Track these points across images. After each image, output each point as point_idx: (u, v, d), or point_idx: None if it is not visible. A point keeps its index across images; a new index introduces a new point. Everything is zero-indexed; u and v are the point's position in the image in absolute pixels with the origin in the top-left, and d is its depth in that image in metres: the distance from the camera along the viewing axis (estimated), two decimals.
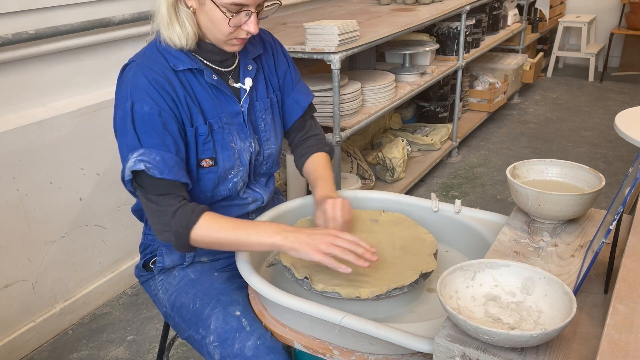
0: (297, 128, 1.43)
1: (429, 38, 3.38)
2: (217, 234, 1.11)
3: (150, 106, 1.10)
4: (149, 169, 1.08)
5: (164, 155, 1.10)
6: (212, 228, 1.11)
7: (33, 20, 1.93)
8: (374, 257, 1.04)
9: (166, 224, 1.11)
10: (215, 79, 1.21)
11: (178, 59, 1.17)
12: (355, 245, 1.05)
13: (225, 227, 1.11)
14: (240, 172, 1.26)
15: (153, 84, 1.12)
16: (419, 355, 0.95)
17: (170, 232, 1.11)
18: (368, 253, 1.04)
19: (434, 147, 3.42)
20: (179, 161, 1.12)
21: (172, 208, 1.10)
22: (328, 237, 1.06)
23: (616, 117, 2.05)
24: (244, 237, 1.10)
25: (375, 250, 1.06)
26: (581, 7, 5.71)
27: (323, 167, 1.37)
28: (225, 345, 1.12)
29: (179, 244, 1.12)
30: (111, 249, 2.32)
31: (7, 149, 1.87)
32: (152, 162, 1.08)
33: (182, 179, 1.12)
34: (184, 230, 1.10)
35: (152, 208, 1.12)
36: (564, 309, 0.80)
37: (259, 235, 1.09)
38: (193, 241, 1.12)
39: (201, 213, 1.12)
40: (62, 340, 2.12)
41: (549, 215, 1.09)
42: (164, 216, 1.10)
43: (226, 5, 1.10)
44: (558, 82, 5.33)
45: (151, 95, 1.11)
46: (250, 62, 1.29)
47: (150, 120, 1.10)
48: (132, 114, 1.10)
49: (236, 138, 1.24)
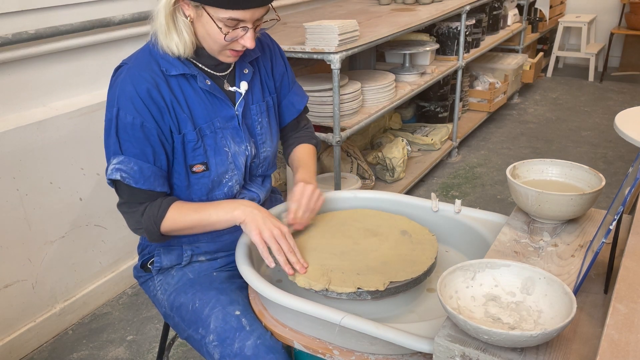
0: (291, 128, 1.47)
1: (429, 38, 3.38)
2: (183, 221, 1.18)
3: (134, 116, 1.13)
4: (124, 179, 1.14)
5: (142, 165, 1.15)
6: (178, 218, 1.18)
7: (33, 20, 1.93)
8: (302, 270, 1.09)
9: (138, 223, 1.19)
10: (208, 84, 1.21)
11: (171, 64, 1.17)
12: (291, 252, 1.11)
13: (188, 214, 1.18)
14: (235, 175, 1.27)
15: (140, 92, 1.13)
16: (419, 355, 0.95)
17: (142, 229, 1.19)
18: (298, 264, 1.10)
19: (434, 147, 3.42)
20: (156, 170, 1.17)
21: (142, 207, 1.18)
22: (275, 231, 1.12)
23: (616, 117, 2.05)
24: (206, 217, 1.18)
25: (307, 266, 1.10)
26: (581, 7, 5.71)
27: (307, 156, 1.40)
28: (225, 345, 1.12)
29: (152, 238, 1.21)
30: (111, 249, 2.32)
31: (7, 149, 1.87)
32: (129, 171, 1.14)
33: (157, 188, 1.18)
34: (153, 226, 1.17)
35: (125, 210, 1.20)
36: (564, 309, 0.80)
37: (218, 213, 1.17)
38: (165, 232, 1.20)
39: (167, 207, 1.18)
40: (62, 340, 2.12)
41: (549, 215, 1.09)
42: (135, 216, 1.18)
43: (223, 20, 1.10)
44: (558, 82, 5.33)
45: (136, 105, 1.13)
46: (246, 66, 1.29)
47: (132, 131, 1.13)
48: (117, 121, 1.14)
49: (230, 142, 1.25)
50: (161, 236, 1.20)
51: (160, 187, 1.18)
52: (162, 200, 1.18)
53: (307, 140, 1.46)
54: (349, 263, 1.11)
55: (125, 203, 1.19)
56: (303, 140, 1.45)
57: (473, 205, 2.97)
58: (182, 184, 1.23)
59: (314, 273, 1.08)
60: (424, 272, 1.07)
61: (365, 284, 1.03)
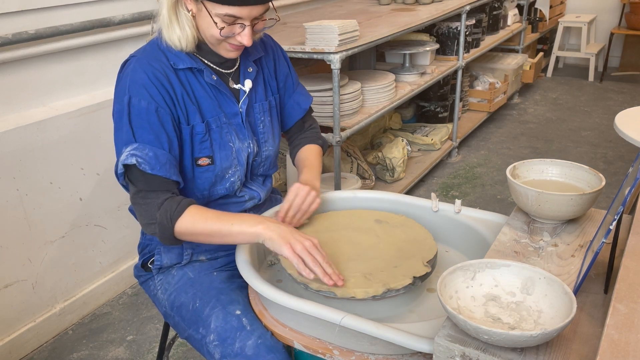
0: (297, 128, 1.47)
1: (429, 38, 3.38)
2: (201, 225, 1.11)
3: (148, 101, 1.12)
4: (140, 164, 1.09)
5: (157, 152, 1.11)
6: (196, 220, 1.11)
7: (33, 20, 1.93)
8: (340, 283, 1.03)
9: (152, 217, 1.12)
10: (214, 79, 1.22)
11: (179, 58, 1.18)
12: (328, 263, 1.05)
13: (209, 219, 1.12)
14: (238, 171, 1.27)
15: (152, 79, 1.13)
16: (419, 355, 0.95)
17: (155, 225, 1.12)
18: (335, 276, 1.03)
19: (434, 147, 3.42)
20: (171, 158, 1.14)
21: (159, 200, 1.11)
22: (307, 242, 1.06)
23: (616, 117, 2.05)
24: (227, 228, 1.10)
25: (343, 279, 1.04)
26: (581, 7, 5.71)
27: (312, 157, 1.39)
28: (225, 345, 1.12)
29: (163, 237, 1.13)
30: (111, 249, 2.32)
31: (7, 149, 1.87)
32: (144, 157, 1.09)
33: (173, 176, 1.13)
34: (168, 222, 1.11)
35: (139, 202, 1.13)
36: (564, 309, 0.80)
37: (242, 225, 1.10)
38: (177, 233, 1.13)
39: (187, 206, 1.12)
40: (62, 340, 2.12)
41: (549, 215, 1.09)
42: (150, 209, 1.12)
43: (220, 16, 1.11)
44: (558, 82, 5.33)
45: (149, 90, 1.12)
46: (250, 64, 1.30)
47: (147, 116, 1.11)
48: (129, 108, 1.11)
49: (235, 138, 1.25)
50: (173, 236, 1.13)
51: (176, 175, 1.14)
52: (182, 198, 1.13)
53: (313, 141, 1.45)
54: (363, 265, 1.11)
55: (139, 192, 1.12)
56: (309, 141, 1.45)
57: (473, 205, 2.97)
58: (186, 177, 1.22)
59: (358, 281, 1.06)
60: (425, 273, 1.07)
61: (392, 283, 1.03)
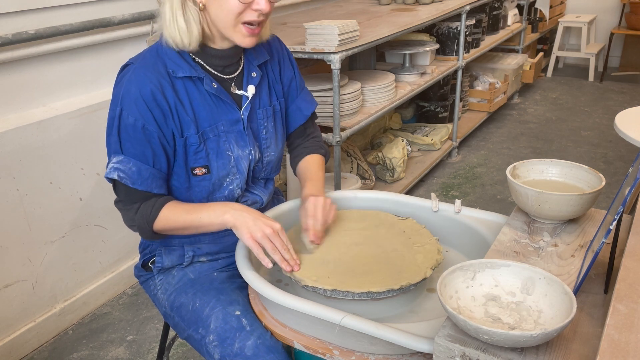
0: (298, 134, 1.44)
1: (429, 38, 3.38)
2: (175, 221, 1.18)
3: (135, 118, 1.13)
4: (122, 179, 1.15)
5: (141, 167, 1.15)
6: (170, 218, 1.18)
7: (33, 20, 1.93)
8: (297, 268, 1.10)
9: (132, 220, 1.20)
10: (214, 87, 1.20)
11: (178, 66, 1.16)
12: (286, 249, 1.11)
13: (180, 215, 1.18)
14: (237, 179, 1.26)
15: (144, 95, 1.13)
16: (419, 355, 0.95)
17: (135, 227, 1.21)
18: (292, 261, 1.11)
19: (434, 147, 3.42)
20: (155, 172, 1.17)
21: (136, 206, 1.19)
22: (267, 230, 1.11)
23: (616, 117, 2.05)
24: (197, 220, 1.18)
25: (299, 264, 1.11)
26: (581, 7, 5.71)
27: (315, 168, 1.37)
28: (225, 345, 1.12)
29: (145, 236, 1.23)
30: (111, 249, 2.32)
31: (7, 149, 1.87)
32: (127, 171, 1.14)
33: (154, 190, 1.18)
34: (145, 225, 1.18)
35: (120, 207, 1.22)
36: (564, 309, 0.80)
37: (210, 216, 1.17)
38: (157, 231, 1.21)
39: (161, 207, 1.18)
40: (62, 340, 2.12)
41: (549, 215, 1.09)
42: (129, 214, 1.20)
43: None
44: (558, 82, 5.33)
45: (139, 107, 1.13)
46: (255, 69, 1.27)
47: (134, 132, 1.14)
48: (119, 121, 1.14)
49: (234, 146, 1.24)
50: (154, 234, 1.21)
51: (158, 189, 1.19)
52: (156, 200, 1.18)
53: (315, 150, 1.42)
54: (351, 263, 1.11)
55: (121, 201, 1.21)
56: (311, 151, 1.42)
57: (473, 205, 2.97)
58: (183, 186, 1.23)
59: (315, 270, 1.08)
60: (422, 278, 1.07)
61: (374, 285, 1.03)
